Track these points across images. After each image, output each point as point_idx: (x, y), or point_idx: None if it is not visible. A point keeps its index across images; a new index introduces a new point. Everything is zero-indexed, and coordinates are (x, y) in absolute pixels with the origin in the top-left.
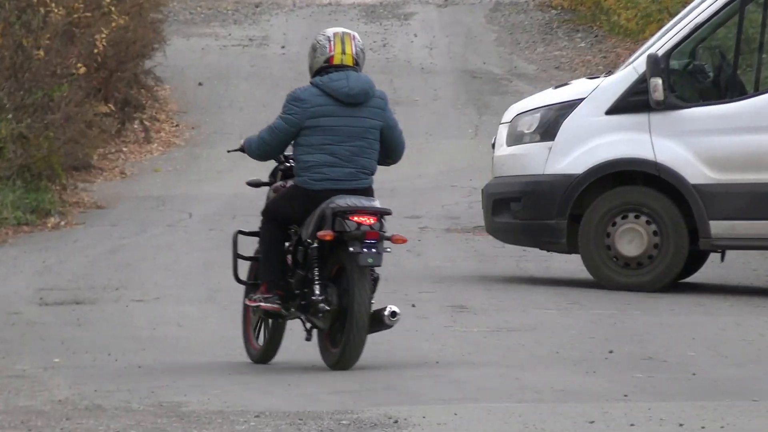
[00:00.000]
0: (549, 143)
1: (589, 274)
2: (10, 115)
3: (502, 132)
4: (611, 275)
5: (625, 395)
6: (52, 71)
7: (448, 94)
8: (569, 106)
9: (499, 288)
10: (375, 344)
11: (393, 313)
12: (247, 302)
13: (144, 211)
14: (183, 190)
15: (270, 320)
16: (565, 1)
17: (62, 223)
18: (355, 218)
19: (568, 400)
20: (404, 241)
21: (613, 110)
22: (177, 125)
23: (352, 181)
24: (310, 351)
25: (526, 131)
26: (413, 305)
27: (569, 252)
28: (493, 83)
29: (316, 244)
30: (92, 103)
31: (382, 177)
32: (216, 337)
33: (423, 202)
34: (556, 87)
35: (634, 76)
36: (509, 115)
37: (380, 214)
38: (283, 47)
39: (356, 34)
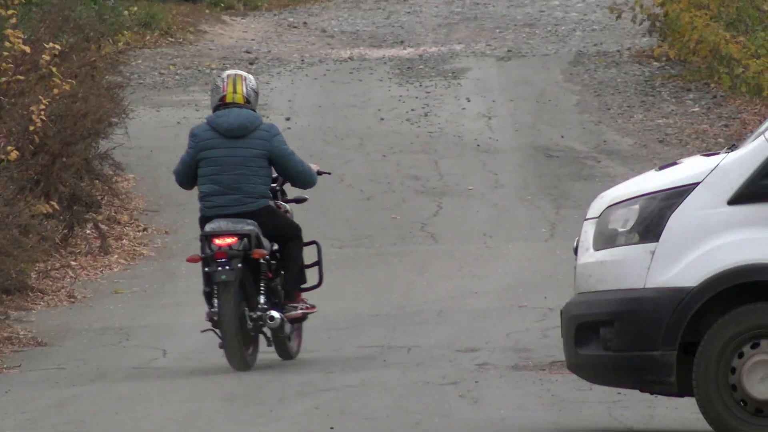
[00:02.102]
0: (652, 245)
1: (707, 425)
2: None
3: (588, 231)
4: (737, 425)
5: None
6: None
7: (514, 180)
8: (678, 195)
9: None
10: None
11: (271, 317)
12: None
13: (101, 349)
14: (154, 320)
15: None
16: (671, 50)
17: None
18: (216, 240)
19: None
20: (264, 255)
21: (738, 199)
22: (145, 229)
23: (238, 206)
24: None
25: (621, 229)
26: None
27: (681, 394)
28: (575, 164)
29: None
30: (28, 201)
31: (425, 297)
32: None
33: (481, 330)
34: (660, 168)
35: None
36: (597, 208)
37: (240, 235)
38: (288, 119)
39: (249, 76)
